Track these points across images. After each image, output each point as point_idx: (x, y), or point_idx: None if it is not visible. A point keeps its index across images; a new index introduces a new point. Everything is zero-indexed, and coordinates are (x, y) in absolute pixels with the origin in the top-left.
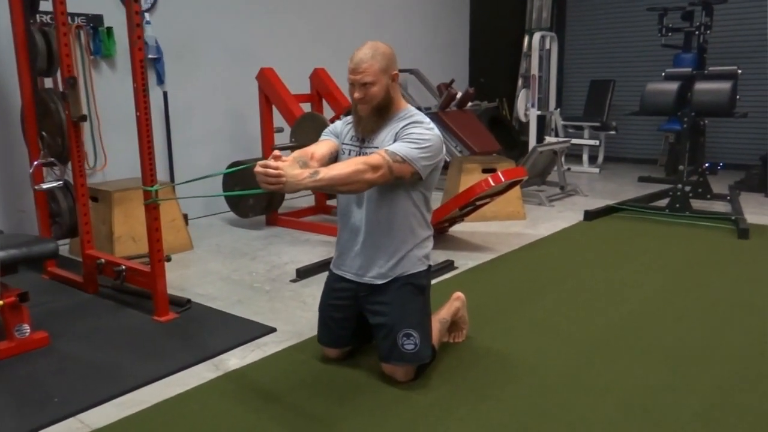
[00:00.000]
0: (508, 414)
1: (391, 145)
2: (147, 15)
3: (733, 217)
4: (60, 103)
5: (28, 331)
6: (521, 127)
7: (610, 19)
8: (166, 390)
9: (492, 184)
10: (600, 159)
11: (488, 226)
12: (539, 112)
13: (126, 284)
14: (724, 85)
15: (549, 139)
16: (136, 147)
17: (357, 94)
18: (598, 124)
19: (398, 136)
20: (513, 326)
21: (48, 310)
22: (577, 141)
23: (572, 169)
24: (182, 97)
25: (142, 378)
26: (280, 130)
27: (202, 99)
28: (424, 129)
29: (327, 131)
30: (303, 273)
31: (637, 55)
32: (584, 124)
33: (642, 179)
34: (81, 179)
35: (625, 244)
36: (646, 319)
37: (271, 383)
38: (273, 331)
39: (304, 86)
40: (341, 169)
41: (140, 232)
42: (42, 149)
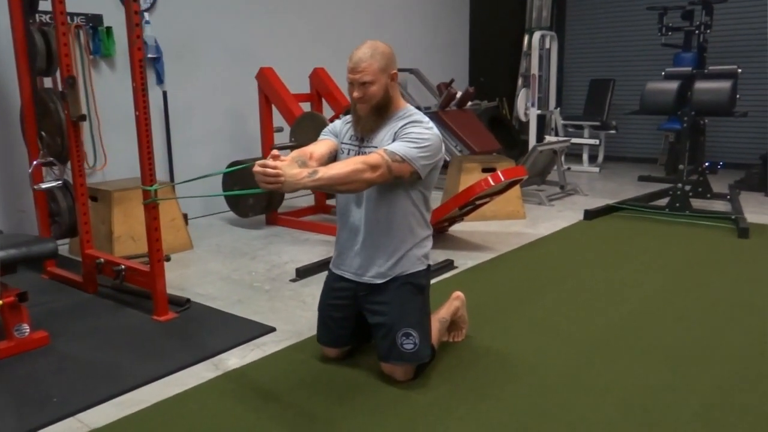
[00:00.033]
0: (508, 413)
1: (390, 145)
2: (146, 15)
3: (733, 217)
4: (59, 103)
5: (28, 330)
6: (521, 127)
7: (610, 19)
8: (166, 390)
9: (492, 183)
10: (600, 158)
11: (488, 226)
12: (539, 112)
13: (125, 284)
14: (724, 85)
15: (549, 138)
16: (136, 147)
17: (356, 93)
18: (598, 123)
19: (397, 135)
20: (513, 326)
21: (47, 309)
22: (577, 140)
23: (572, 169)
24: (182, 97)
25: (141, 378)
26: (280, 129)
27: (202, 99)
28: (423, 128)
29: (326, 131)
30: (302, 272)
31: (637, 54)
32: (584, 123)
33: (642, 178)
34: (80, 179)
35: (625, 243)
36: (646, 319)
37: (270, 383)
38: (272, 330)
39: (303, 86)
40: (340, 168)
41: (140, 231)
42: (41, 149)
